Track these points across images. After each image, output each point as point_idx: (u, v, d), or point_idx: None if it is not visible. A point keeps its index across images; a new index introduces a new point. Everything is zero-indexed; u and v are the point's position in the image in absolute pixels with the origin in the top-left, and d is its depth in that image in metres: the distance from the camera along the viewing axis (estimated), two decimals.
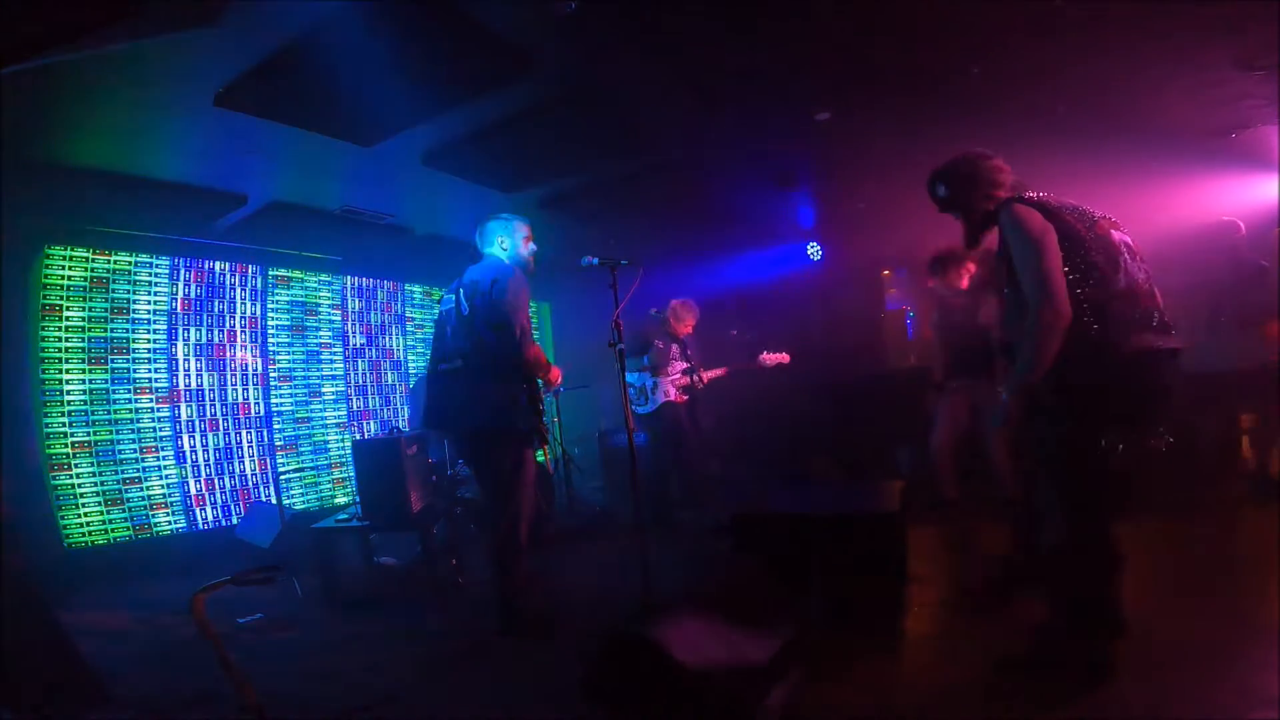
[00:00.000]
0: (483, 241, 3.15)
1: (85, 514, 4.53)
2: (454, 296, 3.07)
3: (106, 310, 4.74)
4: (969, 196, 2.25)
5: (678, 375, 4.89)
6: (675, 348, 4.94)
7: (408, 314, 7.02)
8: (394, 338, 6.84)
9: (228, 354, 5.43)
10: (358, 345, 6.47)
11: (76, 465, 4.52)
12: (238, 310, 5.52)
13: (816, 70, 3.58)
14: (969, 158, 2.29)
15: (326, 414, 6.13)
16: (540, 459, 3.30)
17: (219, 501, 5.24)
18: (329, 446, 6.11)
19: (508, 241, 3.13)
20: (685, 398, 4.92)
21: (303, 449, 5.90)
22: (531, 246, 3.20)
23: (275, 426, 5.68)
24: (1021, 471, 3.52)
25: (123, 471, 4.73)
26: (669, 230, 6.42)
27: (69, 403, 4.53)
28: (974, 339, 4.27)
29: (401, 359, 6.89)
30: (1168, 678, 2.03)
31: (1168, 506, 3.87)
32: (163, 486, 4.93)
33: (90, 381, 4.63)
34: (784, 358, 5.20)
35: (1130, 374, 1.98)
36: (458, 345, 2.99)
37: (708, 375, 4.98)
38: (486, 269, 3.02)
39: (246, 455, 5.47)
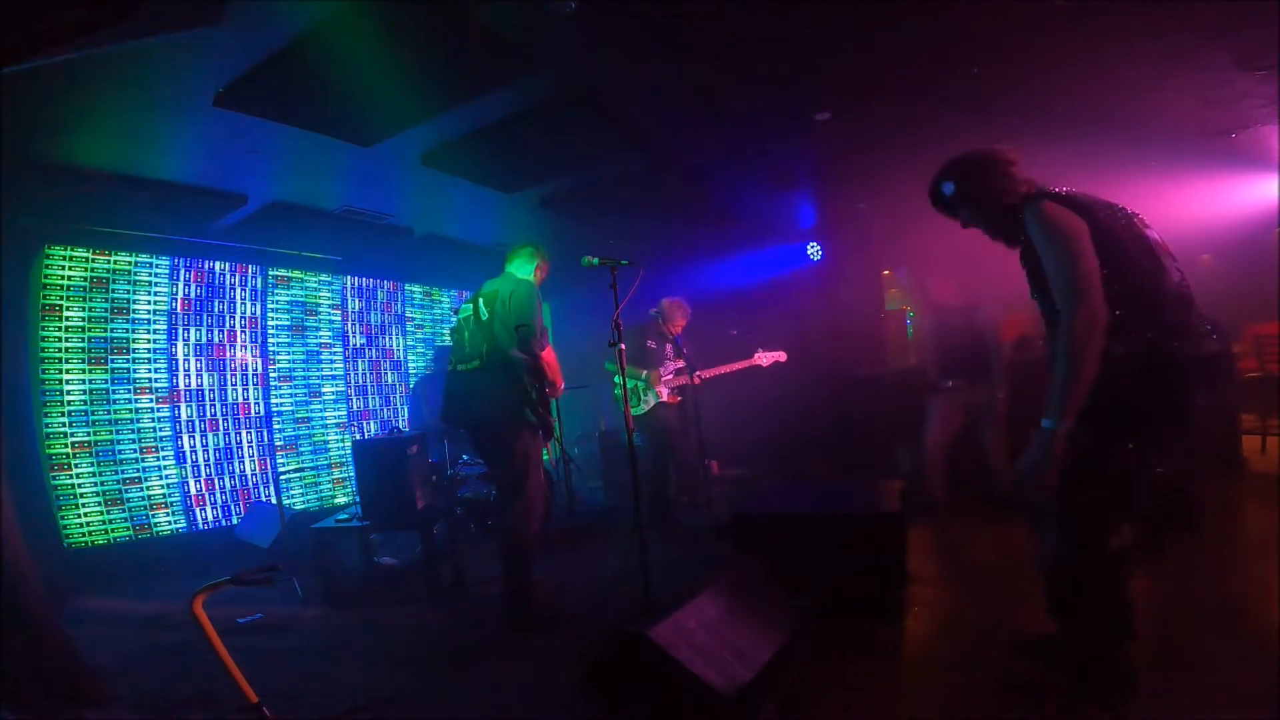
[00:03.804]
0: (509, 261, 3.49)
1: (85, 514, 4.53)
2: (471, 305, 3.33)
3: (106, 310, 4.74)
4: (984, 191, 2.04)
5: (670, 376, 4.88)
6: (669, 347, 4.92)
7: (408, 314, 7.02)
8: (394, 338, 6.84)
9: (228, 354, 5.43)
10: (358, 345, 6.47)
11: (76, 465, 4.52)
12: (238, 310, 5.52)
13: (816, 70, 3.58)
14: (973, 150, 2.08)
15: (326, 414, 6.13)
16: (544, 456, 3.40)
17: (219, 501, 5.24)
18: (329, 446, 6.11)
19: (528, 266, 3.47)
20: (679, 399, 4.90)
21: (303, 449, 5.90)
22: (543, 276, 3.52)
23: (275, 426, 5.68)
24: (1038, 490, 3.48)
25: (123, 471, 4.73)
26: (669, 230, 6.42)
27: (69, 403, 4.53)
28: (969, 343, 4.31)
29: (401, 359, 6.89)
30: (1167, 678, 2.03)
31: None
32: (163, 486, 4.93)
33: (90, 381, 4.63)
34: (781, 356, 5.21)
35: (1186, 384, 1.79)
36: (475, 347, 3.24)
37: (704, 374, 4.97)
38: (505, 281, 3.33)
39: (246, 455, 5.47)
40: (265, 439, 5.61)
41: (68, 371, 4.54)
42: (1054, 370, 1.79)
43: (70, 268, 4.59)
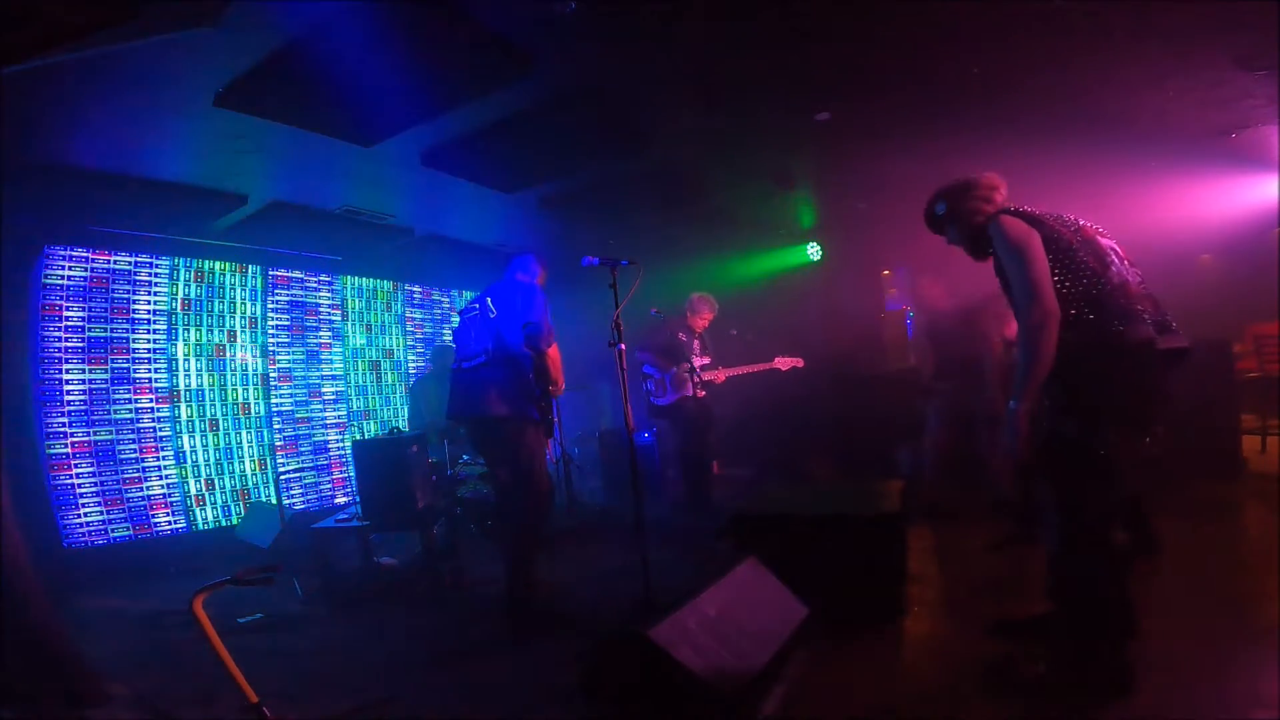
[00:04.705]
0: (512, 268, 3.55)
1: (85, 514, 4.53)
2: (477, 306, 3.36)
3: (106, 310, 4.74)
4: (963, 209, 2.31)
5: (698, 370, 4.91)
6: (697, 342, 4.97)
7: (408, 314, 7.02)
8: (394, 338, 6.84)
9: (228, 354, 5.43)
10: (358, 345, 6.47)
11: (76, 465, 4.52)
12: (238, 310, 5.52)
13: (816, 70, 3.58)
14: (964, 177, 2.37)
15: (326, 414, 6.13)
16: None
17: (219, 501, 5.24)
18: (329, 446, 6.11)
19: (530, 273, 3.52)
20: (703, 393, 4.93)
21: (303, 449, 5.90)
22: (542, 281, 3.57)
23: (275, 426, 5.68)
24: (1019, 471, 3.53)
25: (123, 471, 4.73)
26: (669, 230, 6.42)
27: (69, 403, 4.53)
28: (963, 343, 4.33)
29: (401, 359, 6.89)
30: (1167, 677, 2.04)
31: (1168, 506, 3.87)
32: (163, 486, 4.93)
33: (90, 381, 4.63)
34: (798, 361, 5.26)
35: (1128, 364, 1.98)
36: (482, 345, 3.25)
37: (724, 373, 5.00)
38: (514, 284, 3.39)
39: (246, 455, 5.47)
40: (265, 439, 5.61)
41: (68, 371, 4.54)
42: (1018, 359, 2.05)
43: (70, 268, 4.59)
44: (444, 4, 2.74)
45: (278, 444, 5.69)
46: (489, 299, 3.31)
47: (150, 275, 4.99)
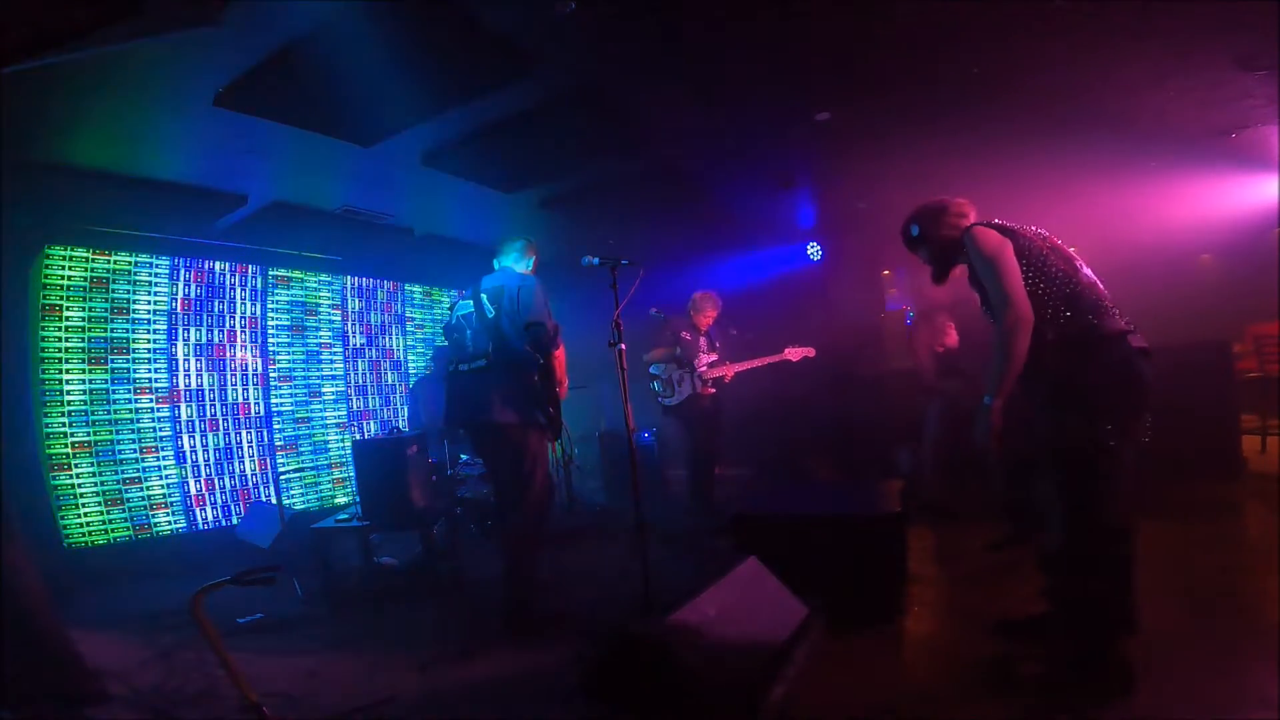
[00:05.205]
0: (503, 255, 3.37)
1: (85, 514, 4.53)
2: (472, 302, 3.21)
3: (106, 310, 4.74)
4: (935, 229, 2.42)
5: (704, 368, 4.90)
6: (703, 340, 4.97)
7: (408, 314, 7.02)
8: (394, 338, 6.84)
9: (228, 354, 5.43)
10: (358, 345, 6.47)
11: (76, 465, 4.52)
12: (238, 310, 5.52)
13: (816, 70, 3.58)
14: (936, 200, 2.48)
15: (326, 414, 6.13)
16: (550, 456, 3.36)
17: (219, 501, 5.24)
18: (329, 446, 6.11)
19: (526, 260, 3.37)
20: (712, 390, 4.92)
21: (303, 449, 5.90)
22: (535, 266, 3.44)
23: (275, 426, 5.68)
24: (1012, 469, 3.54)
25: (123, 471, 4.73)
26: (669, 230, 6.42)
27: (69, 403, 4.53)
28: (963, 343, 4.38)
29: (401, 359, 6.89)
30: (1167, 678, 2.04)
31: (1168, 506, 3.88)
32: (163, 486, 4.93)
33: (90, 381, 4.63)
34: (809, 351, 5.24)
35: (1108, 355, 2.07)
36: (480, 346, 3.13)
37: (733, 369, 4.99)
38: (509, 277, 3.21)
39: (246, 455, 5.47)
40: (265, 439, 5.61)
41: (68, 371, 4.54)
42: (992, 359, 2.16)
43: (70, 268, 4.59)
44: (444, 4, 2.74)
45: (278, 444, 5.69)
46: (484, 295, 3.15)
47: (150, 275, 4.99)
